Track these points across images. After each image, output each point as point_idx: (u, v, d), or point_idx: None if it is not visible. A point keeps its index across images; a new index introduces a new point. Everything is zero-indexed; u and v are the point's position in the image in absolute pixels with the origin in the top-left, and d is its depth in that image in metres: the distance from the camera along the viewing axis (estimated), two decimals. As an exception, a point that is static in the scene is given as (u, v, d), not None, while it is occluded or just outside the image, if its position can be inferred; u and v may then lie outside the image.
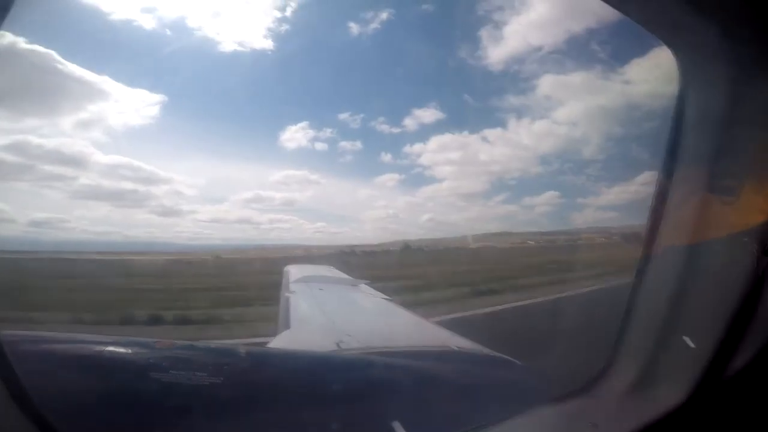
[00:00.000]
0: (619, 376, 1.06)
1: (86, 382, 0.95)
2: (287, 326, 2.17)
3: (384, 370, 1.41)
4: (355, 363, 1.51)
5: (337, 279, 3.85)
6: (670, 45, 0.92)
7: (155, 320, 6.58)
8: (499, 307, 7.32)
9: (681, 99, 0.93)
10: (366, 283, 3.63)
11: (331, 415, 1.04)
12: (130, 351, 1.14)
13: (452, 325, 2.91)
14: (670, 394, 0.91)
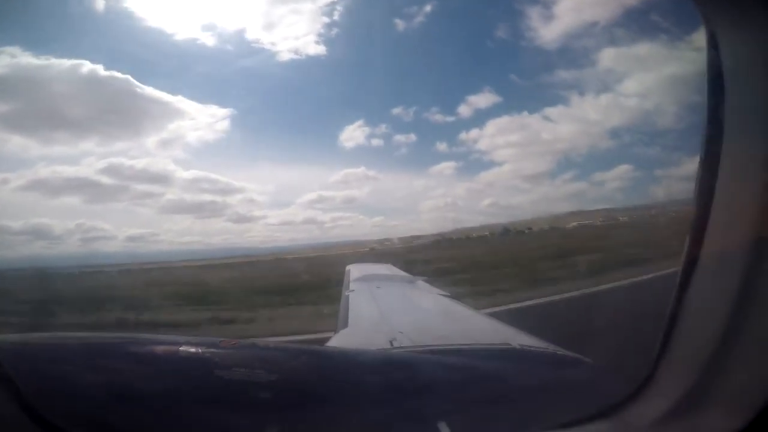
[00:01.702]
0: (656, 397, 0.93)
1: (152, 382, 1.08)
2: (346, 324, 2.29)
3: (433, 368, 1.42)
4: (404, 361, 1.54)
5: (396, 276, 3.94)
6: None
7: (227, 320, 7.45)
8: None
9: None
10: (424, 279, 3.65)
11: (373, 416, 1.08)
12: (196, 350, 1.27)
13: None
14: (718, 423, 0.79)
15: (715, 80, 0.81)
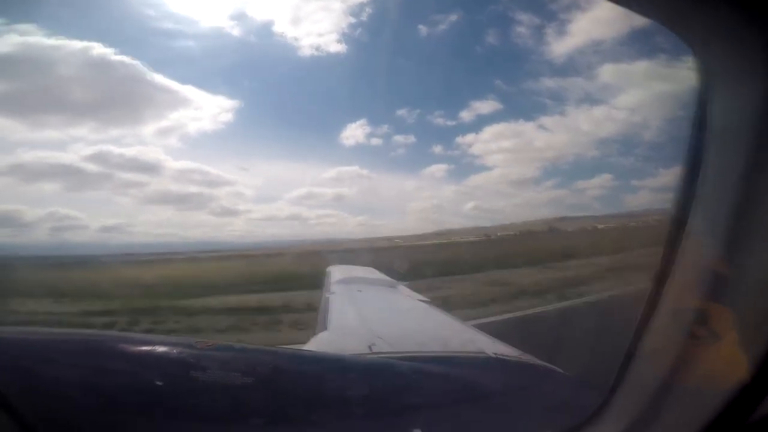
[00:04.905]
0: (609, 423, 0.99)
1: (126, 380, 1.09)
2: (325, 327, 2.32)
3: (409, 375, 1.47)
4: (381, 367, 1.59)
5: (377, 280, 3.98)
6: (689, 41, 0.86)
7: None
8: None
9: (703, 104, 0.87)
10: (405, 284, 3.71)
11: (348, 421, 1.12)
12: (171, 350, 1.29)
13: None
14: None
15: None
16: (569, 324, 6.23)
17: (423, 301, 3.23)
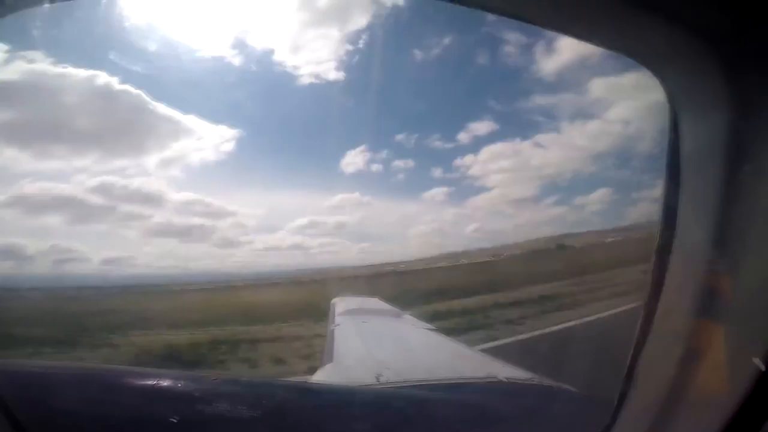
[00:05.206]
0: None
1: (134, 413, 1.11)
2: (331, 359, 2.31)
3: (420, 403, 1.47)
4: (390, 397, 1.58)
5: (382, 310, 3.99)
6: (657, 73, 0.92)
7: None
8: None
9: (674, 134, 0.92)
10: (410, 314, 3.73)
11: None
12: (179, 384, 1.31)
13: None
14: None
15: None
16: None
17: (430, 329, 3.22)
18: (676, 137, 0.91)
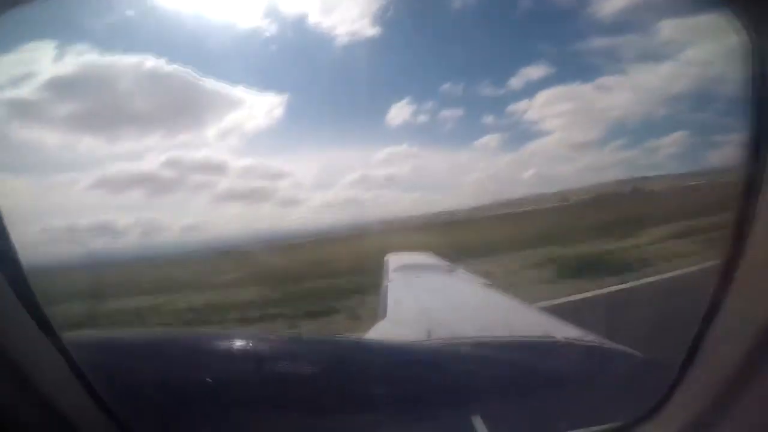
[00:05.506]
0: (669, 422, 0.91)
1: (202, 375, 1.20)
2: (385, 316, 2.41)
3: (470, 361, 1.48)
4: (440, 353, 1.61)
5: (435, 266, 4.02)
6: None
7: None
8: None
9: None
10: (463, 269, 3.71)
11: (409, 409, 1.17)
12: (242, 344, 1.42)
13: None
14: None
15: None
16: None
17: (484, 284, 3.19)
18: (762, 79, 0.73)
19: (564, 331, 1.92)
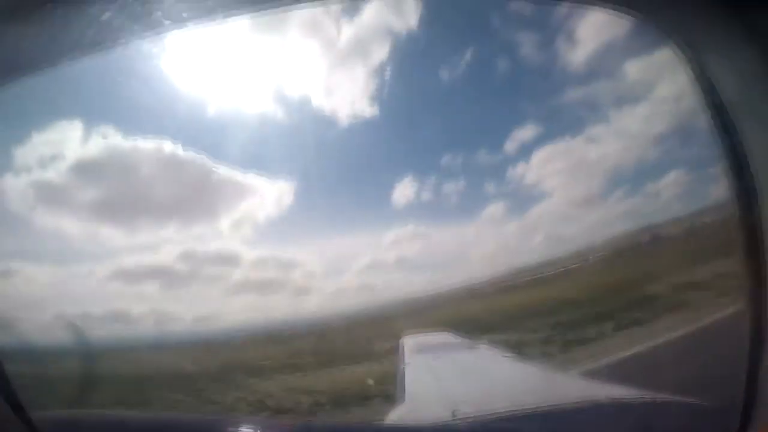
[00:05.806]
0: None
1: None
2: (403, 400, 2.26)
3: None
4: (468, 430, 1.48)
5: (453, 345, 3.95)
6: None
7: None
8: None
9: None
10: (485, 344, 3.63)
11: None
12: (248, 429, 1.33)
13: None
14: None
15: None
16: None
17: (507, 356, 3.07)
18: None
19: (606, 390, 1.82)
